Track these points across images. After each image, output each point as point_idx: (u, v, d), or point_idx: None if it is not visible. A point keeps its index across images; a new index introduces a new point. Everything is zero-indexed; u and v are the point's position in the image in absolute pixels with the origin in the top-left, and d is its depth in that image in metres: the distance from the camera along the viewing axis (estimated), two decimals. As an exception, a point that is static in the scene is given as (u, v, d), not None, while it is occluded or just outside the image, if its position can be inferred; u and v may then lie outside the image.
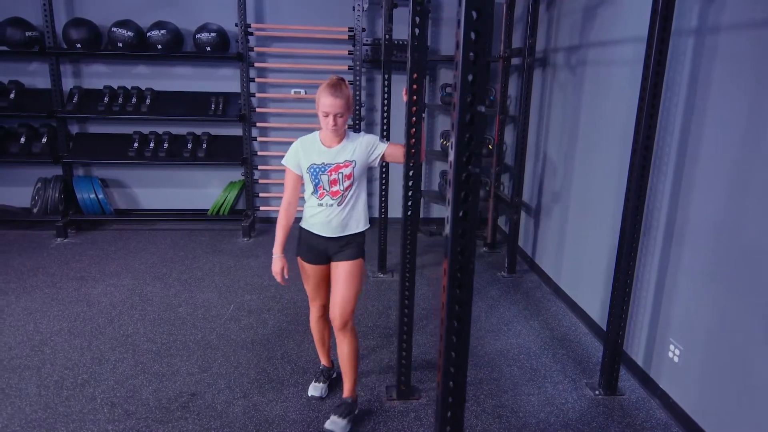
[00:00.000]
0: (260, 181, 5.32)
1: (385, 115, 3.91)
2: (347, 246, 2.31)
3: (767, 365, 1.97)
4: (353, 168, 2.24)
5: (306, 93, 5.18)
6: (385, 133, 3.94)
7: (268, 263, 4.34)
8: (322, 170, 2.23)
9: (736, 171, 2.12)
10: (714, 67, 2.23)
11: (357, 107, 5.06)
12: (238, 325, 3.33)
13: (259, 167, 5.25)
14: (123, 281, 3.95)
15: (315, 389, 2.62)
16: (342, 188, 2.25)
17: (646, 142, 2.35)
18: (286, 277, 2.39)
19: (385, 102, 3.95)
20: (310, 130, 5.43)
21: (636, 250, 2.50)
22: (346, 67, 5.04)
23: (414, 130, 2.28)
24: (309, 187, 2.29)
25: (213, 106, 4.98)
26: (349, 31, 4.93)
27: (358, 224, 2.33)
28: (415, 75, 2.23)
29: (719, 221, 2.21)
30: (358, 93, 5.03)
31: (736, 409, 2.12)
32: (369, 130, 5.36)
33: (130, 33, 4.65)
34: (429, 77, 5.21)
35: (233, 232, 5.20)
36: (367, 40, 5.01)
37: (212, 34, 4.72)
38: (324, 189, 2.25)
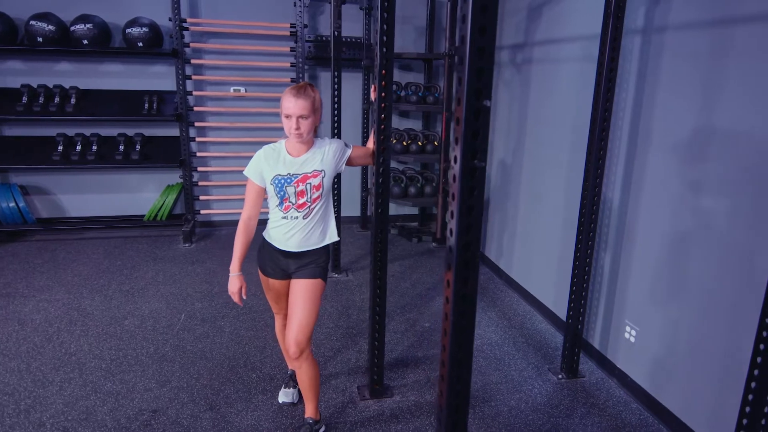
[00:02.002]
0: (200, 183, 5.09)
1: (336, 113, 3.86)
2: (308, 264, 2.17)
3: (718, 340, 2.13)
4: (323, 178, 2.11)
5: (246, 91, 5.02)
6: (336, 131, 3.89)
7: (215, 269, 4.19)
8: (288, 181, 2.08)
9: (685, 161, 2.27)
10: (661, 64, 2.38)
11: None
12: (192, 335, 3.17)
13: (199, 169, 5.03)
14: (56, 295, 3.65)
15: (286, 395, 2.54)
16: (309, 200, 2.11)
17: (601, 135, 2.47)
18: (245, 297, 2.21)
19: (336, 100, 3.90)
20: (251, 130, 5.30)
21: (594, 240, 2.62)
22: (289, 64, 4.93)
23: (384, 126, 2.26)
24: (274, 200, 2.12)
25: (146, 105, 4.70)
26: (291, 27, 4.82)
27: (323, 238, 2.19)
28: (384, 72, 2.21)
29: (671, 210, 2.37)
30: (301, 91, 4.94)
31: (691, 383, 2.27)
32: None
33: (51, 27, 4.29)
34: (372, 75, 5.19)
35: (172, 238, 4.95)
36: (309, 37, 4.92)
37: (144, 29, 4.45)
38: (290, 201, 2.10)
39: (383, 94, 2.24)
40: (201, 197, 5.10)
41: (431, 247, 4.91)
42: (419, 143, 4.83)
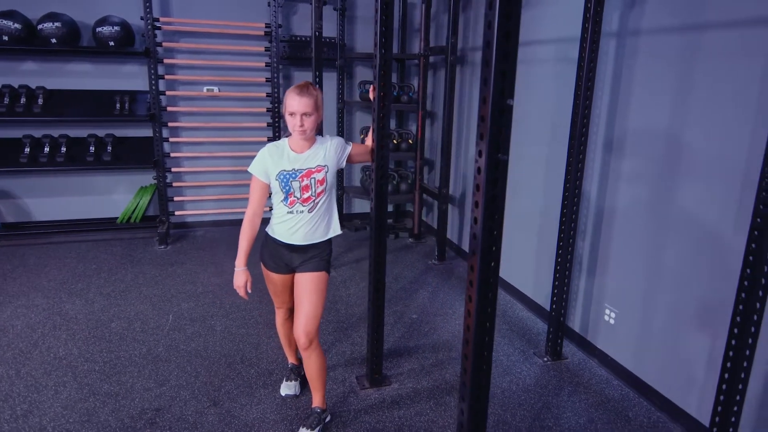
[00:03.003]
0: (174, 184, 5.04)
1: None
2: (312, 258, 2.24)
3: (693, 317, 2.33)
4: (326, 173, 2.19)
5: (219, 90, 5.00)
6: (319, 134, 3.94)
7: (196, 270, 4.17)
8: (293, 176, 2.15)
9: (660, 155, 2.47)
10: (636, 65, 2.57)
11: (276, 105, 4.99)
12: (184, 335, 3.17)
13: (173, 170, 4.97)
14: (34, 301, 3.56)
15: (288, 387, 2.60)
16: (314, 194, 2.18)
17: (581, 131, 2.64)
18: (250, 291, 2.27)
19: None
20: (225, 130, 5.35)
21: (575, 230, 2.80)
22: (264, 64, 4.94)
23: (383, 125, 2.35)
24: (278, 195, 2.19)
25: (118, 105, 4.62)
26: (265, 27, 4.83)
27: (327, 232, 2.27)
28: (383, 72, 2.30)
29: (647, 200, 2.57)
30: (276, 90, 4.97)
31: (668, 358, 2.48)
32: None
33: (17, 25, 4.16)
34: (346, 74, 5.28)
35: (147, 240, 4.88)
36: (284, 37, 4.95)
37: (115, 28, 4.37)
38: (295, 196, 2.16)
39: (382, 94, 2.33)
40: (175, 198, 5.04)
41: (408, 243, 5.03)
42: (394, 141, 4.94)
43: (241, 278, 2.24)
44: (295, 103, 2.09)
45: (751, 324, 1.84)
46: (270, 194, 2.26)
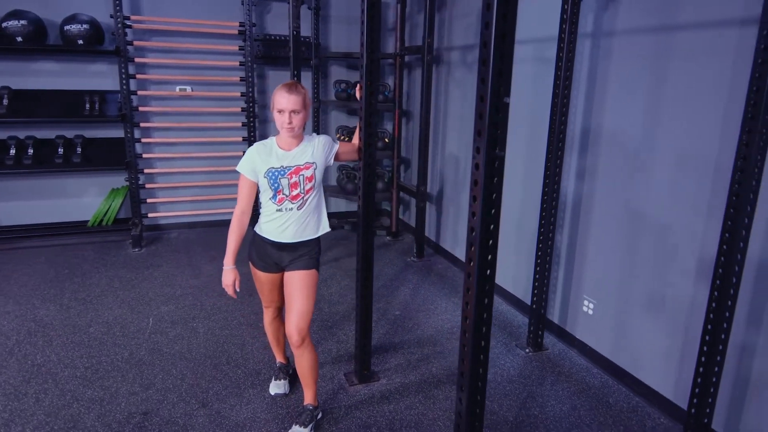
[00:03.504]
0: (147, 185, 4.94)
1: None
2: (302, 256, 2.25)
3: (668, 307, 2.45)
4: (315, 170, 2.21)
5: (192, 90, 4.93)
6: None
7: (173, 272, 4.11)
8: (282, 173, 2.17)
9: (633, 151, 2.58)
10: (610, 64, 2.68)
11: (251, 105, 4.96)
12: (166, 338, 3.13)
13: (145, 171, 4.88)
14: (5, 308, 3.45)
15: (277, 387, 2.60)
16: (303, 191, 2.20)
17: (560, 129, 2.73)
18: (238, 290, 2.27)
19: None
20: (198, 130, 5.32)
21: (554, 225, 2.89)
22: (238, 63, 4.90)
23: (370, 124, 2.38)
24: (267, 193, 2.19)
25: (87, 105, 4.51)
26: (239, 26, 4.79)
27: (317, 229, 2.29)
28: (370, 72, 2.33)
29: (622, 194, 2.67)
30: (250, 90, 4.94)
31: (645, 345, 2.59)
32: (263, 128, 5.27)
33: (-21, 22, 4.01)
34: (321, 74, 5.28)
35: (119, 243, 4.78)
36: (257, 36, 4.92)
37: (84, 26, 4.26)
38: (284, 193, 2.18)
39: (369, 93, 2.36)
40: (148, 200, 4.95)
41: (386, 241, 5.07)
42: (343, 139, 4.96)
43: (229, 277, 2.24)
44: (284, 100, 2.10)
45: (726, 309, 1.95)
46: (258, 193, 2.26)
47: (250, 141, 5.06)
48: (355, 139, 2.49)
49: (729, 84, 2.10)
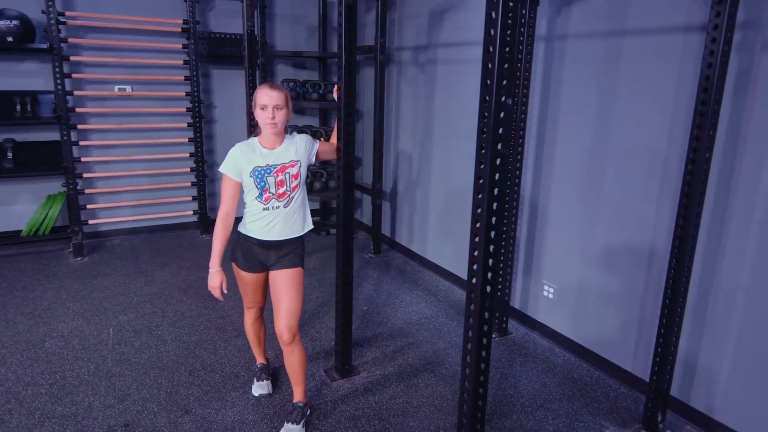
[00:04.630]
0: (86, 191, 4.68)
1: (251, 116, 3.88)
2: (287, 254, 2.27)
3: (624, 285, 2.69)
4: (299, 168, 2.24)
5: (132, 90, 4.73)
6: (252, 135, 3.92)
7: (125, 281, 3.95)
8: (268, 172, 2.18)
9: (587, 145, 2.81)
10: (564, 66, 2.89)
11: (196, 105, 4.83)
12: (132, 348, 3.02)
13: (84, 175, 4.63)
14: (-59, 328, 3.19)
15: (261, 387, 2.60)
16: (289, 189, 2.22)
17: (520, 125, 2.92)
18: (225, 292, 2.26)
19: (247, 98, 3.91)
20: (140, 131, 5.20)
21: (517, 216, 3.08)
22: (182, 62, 4.75)
23: (348, 123, 2.44)
24: (253, 192, 2.19)
25: (18, 107, 4.21)
26: (183, 23, 4.65)
27: (302, 226, 2.31)
28: (348, 73, 2.38)
29: (577, 185, 2.90)
30: (196, 89, 4.81)
31: (604, 324, 2.83)
32: (209, 128, 5.14)
33: None
34: (268, 73, 5.22)
35: (58, 253, 4.51)
36: (202, 34, 4.79)
37: (13, 22, 3.98)
38: (270, 192, 2.19)
39: (348, 93, 2.41)
40: (88, 206, 4.70)
41: (340, 239, 5.11)
42: (320, 140, 4.99)
43: (216, 279, 2.22)
44: (266, 96, 2.12)
45: (681, 287, 2.19)
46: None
47: (196, 142, 4.93)
48: (333, 139, 2.54)
49: (675, 85, 2.35)
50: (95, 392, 2.60)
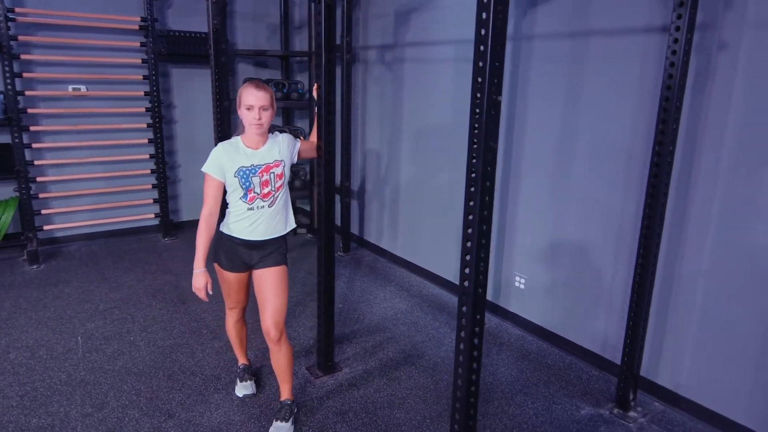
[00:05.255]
0: (40, 195, 4.49)
1: (218, 112, 3.83)
2: (271, 253, 2.28)
3: (591, 273, 2.84)
4: (284, 167, 2.25)
5: (88, 89, 4.56)
6: (220, 135, 3.89)
7: (88, 287, 3.83)
8: (253, 172, 2.18)
9: (554, 140, 2.94)
10: (531, 66, 3.01)
11: (156, 105, 4.71)
12: (104, 355, 2.94)
13: (38, 179, 4.43)
14: None
15: (245, 388, 2.59)
16: (274, 189, 2.22)
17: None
18: (210, 293, 2.23)
19: (217, 98, 3.86)
20: (98, 133, 5.10)
21: (491, 211, 3.17)
22: (140, 61, 4.62)
23: (329, 122, 2.46)
24: (237, 192, 2.18)
25: (-35, 108, 3.99)
26: (141, 21, 4.52)
27: (286, 224, 2.32)
28: (328, 71, 2.40)
29: (547, 177, 3.02)
30: (155, 89, 4.69)
31: (573, 310, 2.97)
32: (168, 129, 5.02)
33: None
34: (230, 72, 5.15)
35: (12, 261, 4.31)
36: (160, 32, 4.67)
37: (-42, 18, 3.77)
38: (255, 192, 2.18)
39: (328, 92, 2.43)
40: (43, 211, 4.50)
41: (308, 239, 5.11)
42: (300, 138, 4.94)
43: (201, 280, 2.19)
44: (253, 97, 2.12)
45: (649, 272, 2.34)
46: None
47: (156, 143, 4.80)
48: (313, 137, 2.56)
49: (638, 82, 2.50)
50: (71, 402, 2.51)
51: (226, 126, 4.01)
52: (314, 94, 2.51)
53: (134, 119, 4.76)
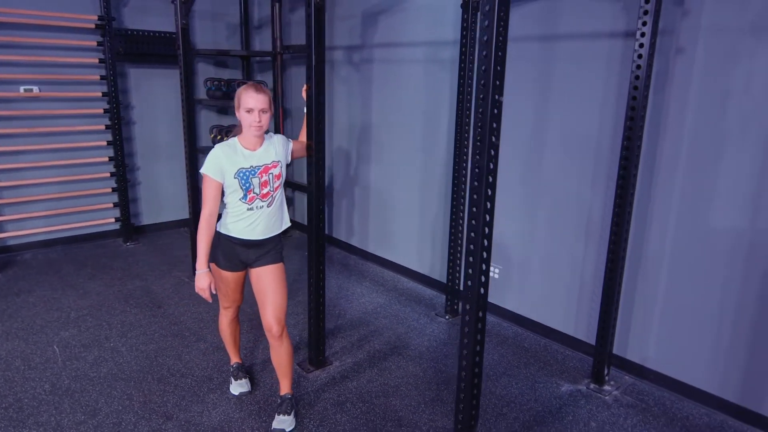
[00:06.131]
0: (-9, 202, 4.28)
1: (184, 112, 3.80)
2: (269, 251, 2.33)
3: (563, 263, 3.05)
4: (281, 168, 2.31)
5: (41, 90, 4.38)
6: (185, 135, 3.87)
7: (53, 296, 3.72)
8: (253, 173, 2.21)
9: (527, 135, 3.13)
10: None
11: (114, 106, 4.58)
12: (86, 363, 2.87)
13: (-11, 185, 4.22)
14: None
15: (240, 386, 2.62)
16: (272, 189, 2.27)
17: (465, 121, 3.17)
18: (214, 292, 2.26)
19: (183, 98, 3.82)
20: (53, 135, 5.03)
21: (463, 205, 3.33)
22: (97, 61, 4.48)
23: (319, 122, 2.53)
24: (237, 193, 2.21)
25: None
26: (98, 19, 4.38)
27: (282, 223, 2.38)
28: (318, 71, 2.47)
29: (519, 172, 3.21)
30: (113, 89, 4.56)
31: (546, 296, 3.18)
32: (128, 130, 4.89)
33: None
34: (190, 72, 5.06)
35: (-37, 272, 4.09)
36: (120, 31, 4.55)
37: None
38: (254, 192, 2.23)
39: (318, 92, 2.50)
40: (-5, 218, 4.29)
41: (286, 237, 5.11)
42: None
43: (204, 280, 2.22)
44: (252, 100, 2.16)
45: (620, 258, 2.56)
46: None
47: (116, 145, 4.67)
48: (302, 137, 2.61)
49: (603, 82, 2.72)
50: (60, 410, 2.46)
51: (191, 125, 3.97)
52: (303, 95, 2.57)
53: (91, 121, 4.61)
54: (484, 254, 1.83)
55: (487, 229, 1.81)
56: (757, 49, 2.20)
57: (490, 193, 1.79)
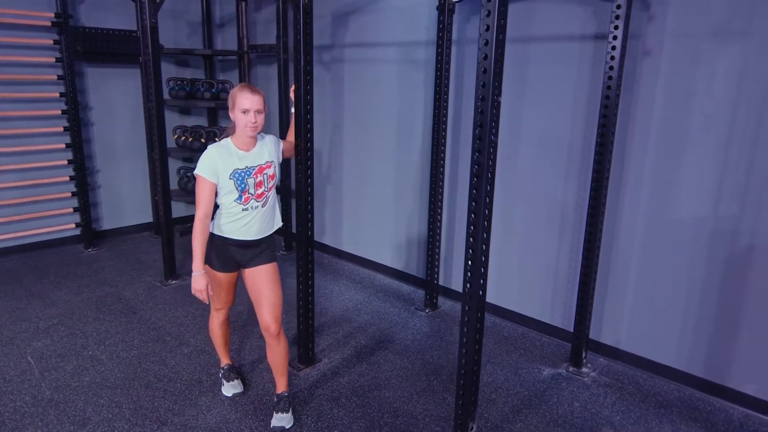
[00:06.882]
0: (-59, 209, 4.03)
1: (155, 112, 3.72)
2: (263, 251, 2.35)
3: (539, 252, 3.20)
4: (275, 168, 2.32)
5: (-8, 91, 4.17)
6: (155, 137, 3.79)
7: (18, 305, 3.58)
8: (248, 174, 2.22)
9: (504, 131, 3.25)
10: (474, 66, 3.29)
11: (73, 107, 4.41)
12: (65, 373, 2.79)
13: (-62, 191, 3.98)
14: None
15: (233, 387, 2.62)
16: (267, 189, 2.29)
17: (442, 119, 3.27)
18: (211, 293, 2.27)
19: (152, 98, 3.74)
20: (6, 138, 4.93)
21: (441, 204, 3.43)
22: (53, 60, 4.30)
23: (309, 123, 2.55)
24: (232, 194, 2.21)
25: None
26: (55, 17, 4.20)
27: (274, 223, 2.39)
28: (307, 70, 2.50)
29: (498, 166, 3.33)
30: (71, 90, 4.39)
31: (522, 287, 3.33)
32: (87, 132, 4.71)
33: None
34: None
35: None
36: (79, 29, 4.38)
37: None
38: (249, 193, 2.23)
39: (306, 92, 2.52)
40: (-54, 227, 4.05)
41: (245, 239, 5.06)
42: (201, 141, 4.80)
43: (201, 282, 2.21)
44: (248, 101, 2.16)
45: (595, 245, 2.72)
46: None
47: (75, 147, 4.50)
48: (290, 137, 2.63)
49: (575, 83, 2.88)
50: (46, 422, 2.38)
51: (156, 126, 3.88)
52: (291, 95, 2.58)
53: (48, 122, 4.43)
54: (483, 246, 1.92)
55: (486, 223, 1.90)
56: (718, 53, 2.40)
57: (489, 188, 1.88)
